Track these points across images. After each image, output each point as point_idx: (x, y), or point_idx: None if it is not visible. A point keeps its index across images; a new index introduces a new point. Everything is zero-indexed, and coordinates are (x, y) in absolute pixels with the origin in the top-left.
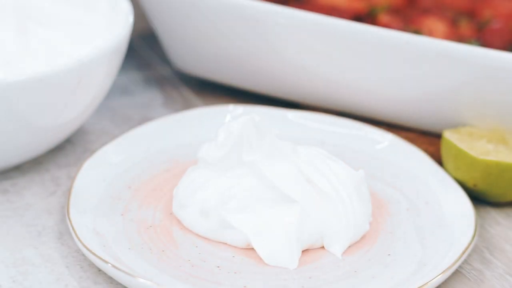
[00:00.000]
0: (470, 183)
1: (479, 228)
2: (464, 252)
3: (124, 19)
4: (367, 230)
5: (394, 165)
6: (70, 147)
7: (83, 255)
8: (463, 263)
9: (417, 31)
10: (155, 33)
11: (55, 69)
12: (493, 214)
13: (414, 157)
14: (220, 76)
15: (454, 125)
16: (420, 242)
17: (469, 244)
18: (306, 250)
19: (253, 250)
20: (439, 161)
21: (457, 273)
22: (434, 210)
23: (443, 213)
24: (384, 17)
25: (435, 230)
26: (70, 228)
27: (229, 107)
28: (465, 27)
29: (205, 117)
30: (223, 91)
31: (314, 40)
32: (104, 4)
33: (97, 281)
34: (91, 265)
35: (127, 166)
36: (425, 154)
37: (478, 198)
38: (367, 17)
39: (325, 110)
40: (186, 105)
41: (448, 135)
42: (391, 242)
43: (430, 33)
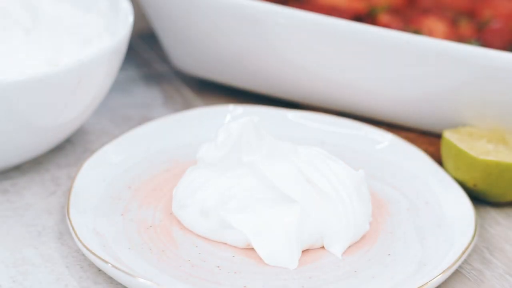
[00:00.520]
0: (470, 183)
1: (479, 228)
2: (464, 252)
3: (124, 19)
4: (367, 230)
5: (394, 165)
6: (70, 147)
7: (83, 255)
8: (463, 263)
9: (417, 31)
10: (155, 33)
11: (55, 69)
12: (493, 214)
13: (414, 157)
14: (220, 76)
15: (454, 125)
16: (420, 242)
17: (469, 244)
18: (306, 250)
19: (253, 250)
20: (439, 161)
21: (457, 273)
22: (434, 210)
23: (443, 213)
24: (384, 17)
25: (435, 230)
26: (70, 228)
27: (229, 107)
28: (465, 27)
29: (205, 117)
30: (223, 91)
31: (314, 40)
32: (104, 4)
33: (97, 281)
34: (91, 265)
35: (127, 166)
36: (425, 154)
37: (478, 198)
38: (367, 17)
39: (325, 110)
40: (186, 105)
41: (448, 135)
42: (391, 242)
43: (430, 33)
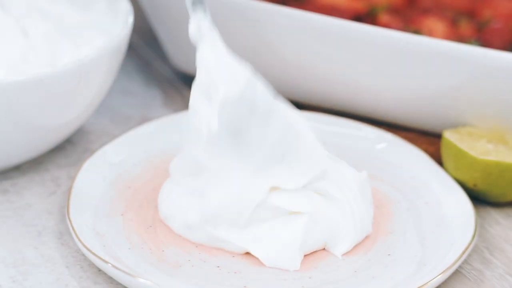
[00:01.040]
0: (470, 183)
1: (479, 228)
2: (464, 252)
3: (124, 19)
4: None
5: (394, 165)
6: (70, 147)
7: (83, 255)
8: (463, 263)
9: (417, 31)
10: (155, 33)
11: (55, 69)
12: (493, 214)
13: (414, 157)
14: None
15: (454, 125)
16: (420, 242)
17: (469, 244)
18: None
19: None
20: (439, 161)
21: (457, 273)
22: (434, 210)
23: (443, 213)
24: (384, 17)
25: (435, 230)
26: (70, 228)
27: None
28: (465, 27)
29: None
30: None
31: (314, 40)
32: (104, 4)
33: (97, 281)
34: (91, 265)
35: (127, 166)
36: (425, 154)
37: (478, 198)
38: (367, 17)
39: (325, 110)
40: (186, 105)
41: (448, 135)
42: (391, 242)
43: (430, 33)
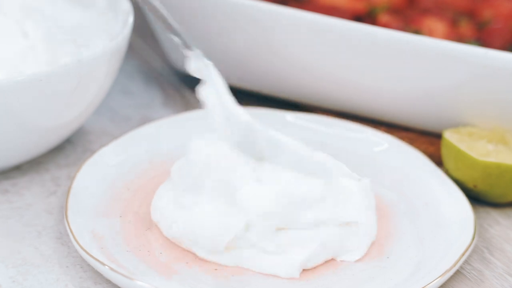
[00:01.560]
0: (470, 184)
1: (479, 229)
2: (463, 255)
3: (124, 19)
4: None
5: (394, 168)
6: (70, 147)
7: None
8: (463, 263)
9: (417, 31)
10: (155, 33)
11: (55, 69)
12: (493, 214)
13: (413, 159)
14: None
15: (454, 125)
16: (419, 245)
17: (468, 247)
18: None
19: None
20: (439, 161)
21: (457, 273)
22: (433, 213)
23: (442, 216)
24: (384, 17)
25: (434, 233)
26: (68, 230)
27: None
28: (465, 27)
29: (206, 119)
30: None
31: (314, 40)
32: (104, 4)
33: (97, 281)
34: (91, 265)
35: (127, 167)
36: (425, 156)
37: (478, 199)
38: (367, 17)
39: (325, 110)
40: (186, 105)
41: (448, 136)
42: (390, 245)
43: (430, 33)
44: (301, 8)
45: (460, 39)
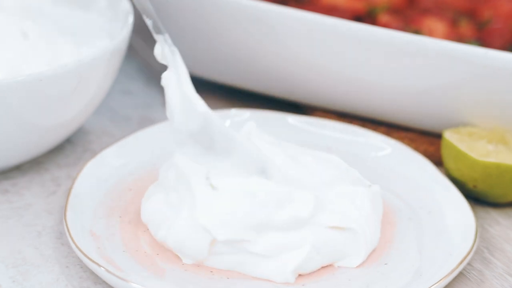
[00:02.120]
0: (470, 184)
1: (480, 230)
2: (461, 263)
3: (124, 19)
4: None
5: (397, 173)
6: (70, 147)
7: None
8: None
9: (417, 31)
10: None
11: (55, 69)
12: (493, 214)
13: (417, 164)
14: (220, 76)
15: (454, 125)
16: (419, 253)
17: (467, 254)
18: None
19: None
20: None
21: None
22: (436, 219)
23: (444, 223)
24: (384, 17)
25: (435, 242)
26: (65, 229)
27: (231, 112)
28: (465, 27)
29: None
30: (223, 91)
31: (314, 40)
32: (104, 4)
33: (97, 281)
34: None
35: (129, 169)
36: (428, 161)
37: (478, 199)
38: (367, 17)
39: (325, 110)
40: None
41: (448, 136)
42: (389, 251)
43: (430, 33)
44: (301, 8)
45: (460, 39)
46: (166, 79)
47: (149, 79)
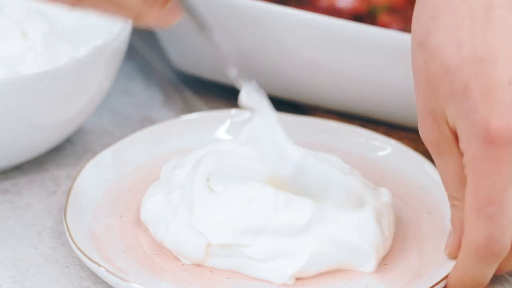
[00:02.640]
0: None
1: None
2: None
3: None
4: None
5: (396, 172)
6: (70, 147)
7: None
8: None
9: None
10: (155, 33)
11: (55, 69)
12: None
13: (417, 164)
14: (220, 76)
15: None
16: (419, 252)
17: None
18: None
19: None
20: None
21: None
22: (435, 219)
23: (444, 222)
24: (384, 17)
25: (435, 239)
26: (65, 229)
27: (231, 112)
28: None
29: (207, 121)
30: (223, 91)
31: (314, 40)
32: None
33: (97, 281)
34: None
35: (130, 169)
36: (428, 161)
37: None
38: (367, 17)
39: (325, 110)
40: (186, 106)
41: None
42: (390, 252)
43: None
44: (301, 8)
45: None
46: (256, 128)
47: (149, 79)
